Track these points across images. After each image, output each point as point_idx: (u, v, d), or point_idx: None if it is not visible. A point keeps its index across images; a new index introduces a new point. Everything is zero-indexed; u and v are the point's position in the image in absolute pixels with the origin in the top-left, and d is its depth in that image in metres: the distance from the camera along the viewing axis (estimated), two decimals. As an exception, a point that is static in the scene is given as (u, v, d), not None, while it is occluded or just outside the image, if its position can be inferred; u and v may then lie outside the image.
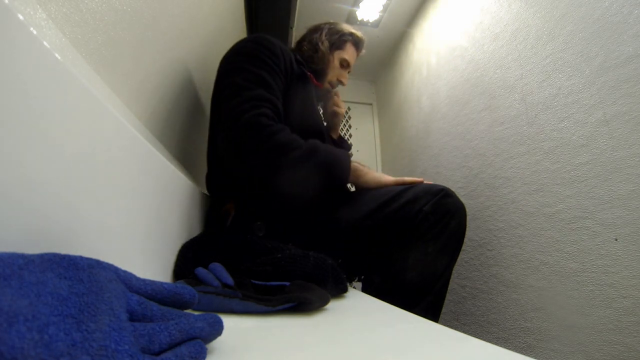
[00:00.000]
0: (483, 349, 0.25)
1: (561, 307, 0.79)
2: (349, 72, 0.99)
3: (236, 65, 0.71)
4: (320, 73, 0.93)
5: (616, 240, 0.69)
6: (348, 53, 0.96)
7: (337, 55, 0.95)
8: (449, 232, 0.68)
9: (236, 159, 0.65)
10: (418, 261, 0.67)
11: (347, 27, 0.98)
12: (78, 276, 0.18)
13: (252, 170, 0.65)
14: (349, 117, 2.12)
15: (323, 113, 1.02)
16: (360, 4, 1.57)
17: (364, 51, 1.02)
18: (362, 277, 0.86)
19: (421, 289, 0.68)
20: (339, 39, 0.95)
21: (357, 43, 0.98)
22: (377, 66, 2.07)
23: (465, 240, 0.73)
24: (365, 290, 0.81)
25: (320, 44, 0.93)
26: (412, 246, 0.68)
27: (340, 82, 0.97)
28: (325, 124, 1.01)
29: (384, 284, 0.72)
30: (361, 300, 0.51)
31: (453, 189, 0.73)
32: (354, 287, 0.78)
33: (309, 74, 0.90)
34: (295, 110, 0.77)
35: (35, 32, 0.22)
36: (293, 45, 1.04)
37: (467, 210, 0.72)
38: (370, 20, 1.68)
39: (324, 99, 1.02)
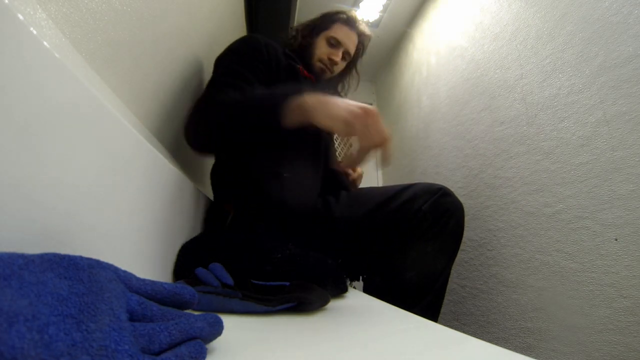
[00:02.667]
0: (483, 349, 0.25)
1: (561, 307, 0.79)
2: (345, 52, 0.96)
3: (220, 63, 0.75)
4: (307, 55, 0.92)
5: (616, 240, 0.69)
6: (336, 31, 0.94)
7: (323, 36, 0.94)
8: (447, 231, 0.68)
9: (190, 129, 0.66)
10: (417, 260, 0.67)
11: (335, 9, 0.97)
12: (78, 276, 0.18)
13: (197, 129, 0.65)
14: (349, 117, 2.12)
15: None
16: (360, 4, 1.57)
17: (365, 30, 0.99)
18: (363, 277, 0.86)
19: (421, 288, 0.68)
20: (324, 21, 0.95)
21: (346, 20, 0.96)
22: (377, 66, 2.07)
23: (465, 240, 0.73)
24: (366, 290, 0.81)
25: (299, 29, 0.96)
26: (412, 245, 0.68)
27: (332, 61, 0.93)
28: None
29: (384, 283, 0.72)
30: (361, 300, 0.51)
31: (453, 189, 0.73)
32: (354, 287, 0.78)
33: (299, 66, 0.88)
34: None
35: (35, 32, 0.22)
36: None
37: (467, 210, 0.72)
38: (370, 20, 1.68)
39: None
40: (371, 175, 2.05)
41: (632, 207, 0.66)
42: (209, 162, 0.97)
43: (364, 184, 0.82)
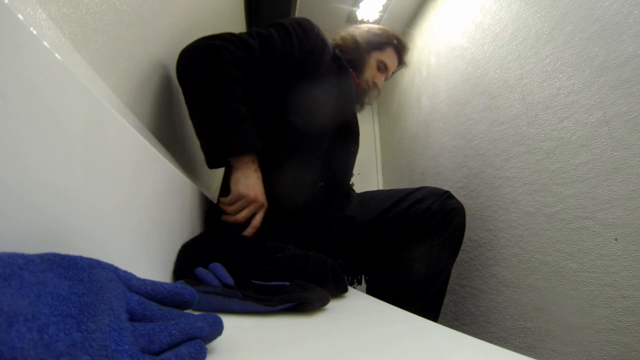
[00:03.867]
0: (483, 349, 0.25)
1: (561, 307, 0.79)
2: (386, 79, 0.96)
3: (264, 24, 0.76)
4: (357, 68, 0.91)
5: (616, 240, 0.69)
6: (388, 56, 0.93)
7: (376, 56, 0.92)
8: (452, 228, 0.75)
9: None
10: (425, 254, 0.74)
11: (392, 31, 0.95)
12: (78, 276, 0.18)
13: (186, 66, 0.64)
14: (349, 117, 2.12)
15: None
16: (360, 4, 1.57)
17: (406, 61, 0.99)
18: (365, 278, 0.88)
19: (426, 280, 0.74)
20: (380, 40, 0.93)
21: (398, 49, 0.95)
22: (377, 66, 2.07)
23: (465, 240, 0.74)
24: (370, 288, 0.84)
25: (358, 36, 0.91)
26: (420, 240, 0.75)
27: (375, 85, 0.94)
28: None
29: (391, 277, 0.77)
30: (361, 300, 0.51)
31: (453, 189, 0.75)
32: (355, 287, 0.78)
33: (351, 71, 0.88)
34: (331, 103, 0.79)
35: (35, 32, 0.22)
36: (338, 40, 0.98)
37: (467, 210, 0.79)
38: (370, 21, 1.68)
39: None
40: (371, 177, 2.05)
41: (632, 207, 0.66)
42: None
43: (364, 187, 0.85)
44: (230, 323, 0.28)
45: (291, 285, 0.43)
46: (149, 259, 0.41)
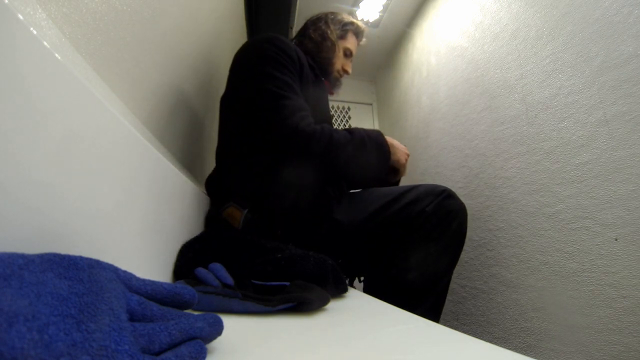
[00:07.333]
0: (483, 349, 0.25)
1: (561, 307, 0.79)
2: (351, 61, 1.01)
3: (261, 70, 0.72)
4: (327, 63, 0.94)
5: (616, 240, 0.69)
6: (350, 42, 0.99)
7: (341, 45, 0.97)
8: (450, 232, 0.68)
9: (304, 162, 0.70)
10: (420, 262, 0.67)
11: (347, 17, 1.00)
12: (78, 276, 0.18)
13: (323, 167, 0.71)
14: (349, 117, 2.12)
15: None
16: (360, 4, 1.57)
17: (364, 40, 1.04)
18: (362, 278, 0.86)
19: (423, 289, 0.68)
20: (342, 29, 0.98)
21: (357, 32, 1.00)
22: (377, 66, 2.07)
23: (465, 240, 0.73)
24: (367, 290, 0.81)
25: (329, 32, 0.95)
26: (415, 247, 0.68)
27: (345, 72, 0.99)
28: None
29: (387, 284, 0.72)
30: (361, 300, 0.51)
31: (453, 189, 0.73)
32: (354, 287, 0.78)
33: (325, 82, 0.93)
34: (314, 110, 0.80)
35: (35, 32, 0.22)
36: (294, 37, 1.02)
37: (467, 210, 0.73)
38: (370, 20, 1.68)
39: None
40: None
41: (632, 207, 0.66)
42: (210, 162, 0.97)
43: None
44: (230, 323, 0.28)
45: (291, 285, 0.43)
46: (149, 259, 0.41)
